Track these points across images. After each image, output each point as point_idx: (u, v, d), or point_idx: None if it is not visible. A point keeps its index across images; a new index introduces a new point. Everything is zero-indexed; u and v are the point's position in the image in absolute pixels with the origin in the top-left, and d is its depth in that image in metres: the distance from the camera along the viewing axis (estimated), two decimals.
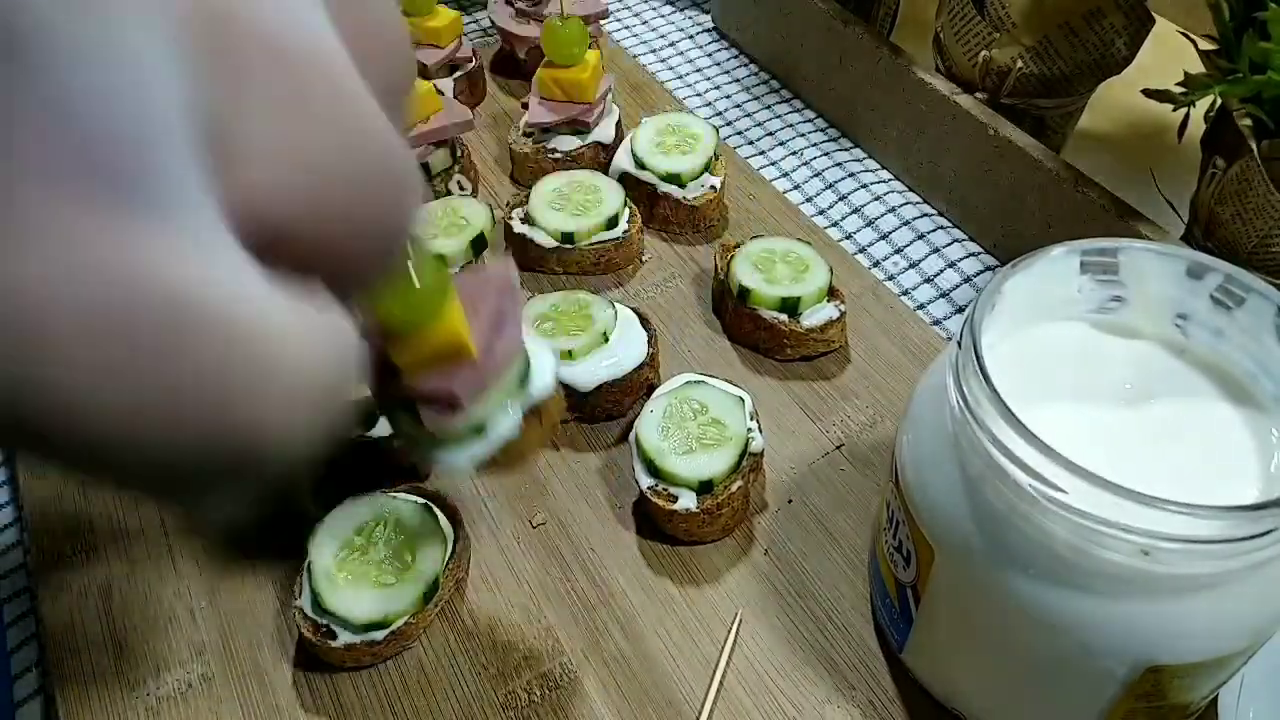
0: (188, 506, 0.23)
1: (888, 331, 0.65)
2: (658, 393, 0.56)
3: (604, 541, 0.55)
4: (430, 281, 0.31)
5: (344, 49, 0.20)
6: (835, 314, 0.62)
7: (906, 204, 0.75)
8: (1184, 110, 0.57)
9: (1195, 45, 0.59)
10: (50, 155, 0.15)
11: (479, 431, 0.36)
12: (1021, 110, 0.71)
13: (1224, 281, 0.41)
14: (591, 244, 0.68)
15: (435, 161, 0.72)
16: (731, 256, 0.65)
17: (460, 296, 0.33)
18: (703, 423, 0.54)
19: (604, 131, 0.76)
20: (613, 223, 0.68)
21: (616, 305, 0.61)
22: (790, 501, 0.56)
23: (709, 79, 0.90)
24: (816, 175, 0.79)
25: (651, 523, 0.55)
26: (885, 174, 0.78)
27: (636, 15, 0.98)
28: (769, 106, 0.86)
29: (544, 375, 0.38)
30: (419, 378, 0.34)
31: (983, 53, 0.70)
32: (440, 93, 0.72)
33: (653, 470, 0.53)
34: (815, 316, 0.62)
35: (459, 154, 0.74)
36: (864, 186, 0.77)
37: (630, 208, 0.70)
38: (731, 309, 0.64)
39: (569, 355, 0.59)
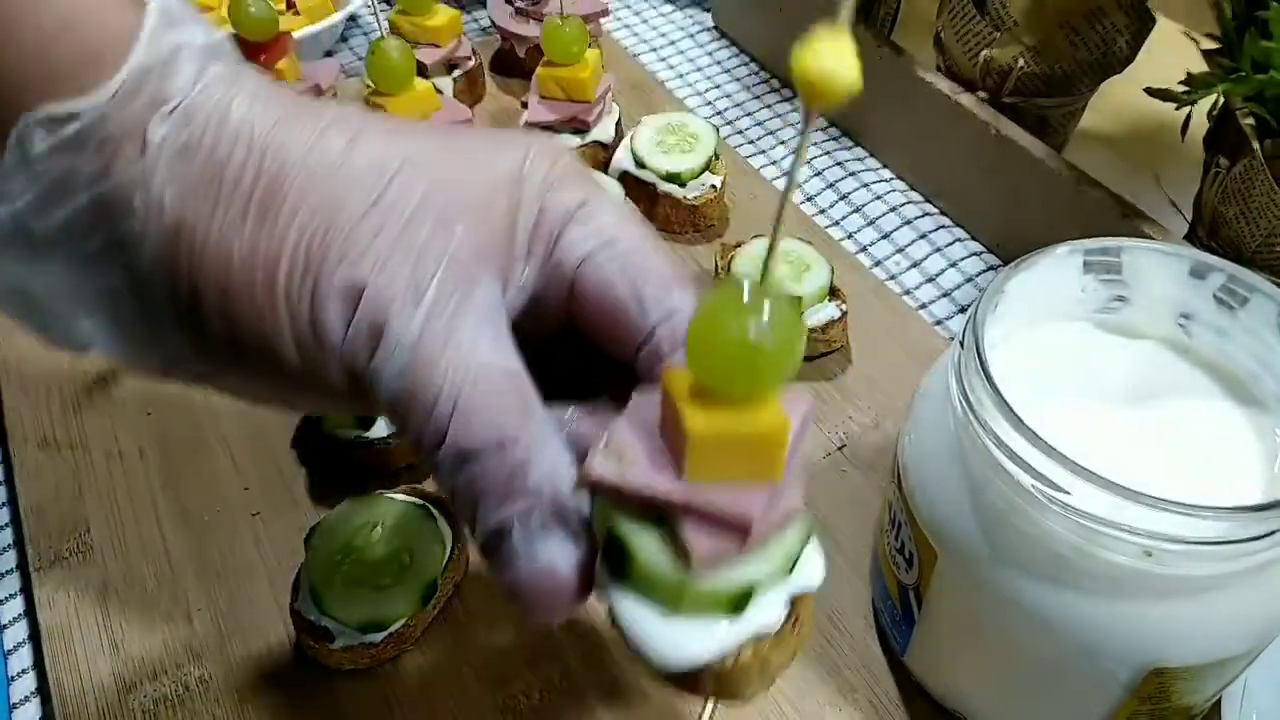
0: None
1: (890, 331, 0.65)
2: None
3: None
4: (790, 333, 0.24)
5: None
6: (836, 314, 0.62)
7: (908, 203, 0.75)
8: (1186, 109, 0.57)
9: (1197, 44, 0.58)
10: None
11: (736, 604, 0.26)
12: (1023, 109, 0.71)
13: (1227, 281, 0.41)
14: None
15: None
16: (732, 256, 0.65)
17: None
18: None
19: (604, 131, 0.76)
20: None
21: None
22: None
23: (709, 78, 0.90)
24: (817, 174, 0.78)
25: None
26: (887, 173, 0.78)
27: (637, 14, 0.98)
28: (770, 105, 0.86)
29: (815, 562, 0.28)
30: (707, 483, 0.25)
31: (984, 52, 0.70)
32: (439, 91, 0.72)
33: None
34: (817, 316, 0.62)
35: None
36: (865, 186, 0.77)
37: (630, 207, 0.70)
38: None
39: None
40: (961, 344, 0.38)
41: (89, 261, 0.30)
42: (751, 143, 0.82)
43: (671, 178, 0.70)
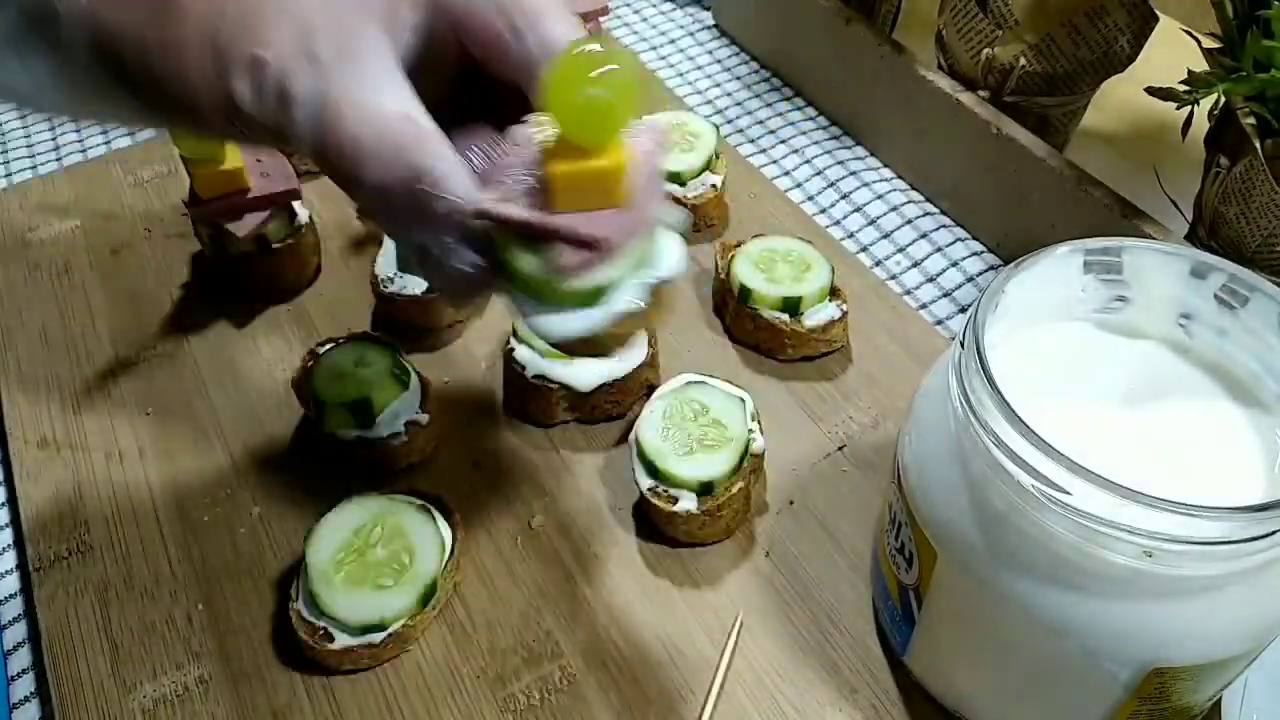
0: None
1: (890, 331, 0.65)
2: (658, 393, 0.56)
3: (604, 543, 0.54)
4: (620, 90, 0.31)
5: None
6: (837, 314, 0.62)
7: (909, 202, 0.75)
8: (1188, 108, 0.57)
9: (1199, 43, 0.58)
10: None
11: (597, 297, 0.34)
12: (1024, 108, 0.71)
13: (1228, 281, 0.41)
14: None
15: None
16: (732, 256, 0.64)
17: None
18: (703, 424, 0.54)
19: None
20: None
21: None
22: (791, 503, 0.56)
23: (710, 76, 0.90)
24: (818, 174, 0.78)
25: (651, 524, 0.55)
26: (887, 172, 0.78)
27: (637, 12, 0.98)
28: (770, 104, 0.86)
29: (671, 255, 0.36)
30: (570, 211, 0.33)
31: (985, 50, 0.70)
32: None
33: (653, 471, 0.53)
34: (817, 316, 0.62)
35: None
36: (866, 185, 0.77)
37: None
38: (732, 309, 0.64)
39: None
40: (962, 344, 0.38)
41: (30, 47, 0.34)
42: (752, 141, 0.82)
43: (672, 177, 0.70)
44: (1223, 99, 0.58)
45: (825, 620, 0.51)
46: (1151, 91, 0.58)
